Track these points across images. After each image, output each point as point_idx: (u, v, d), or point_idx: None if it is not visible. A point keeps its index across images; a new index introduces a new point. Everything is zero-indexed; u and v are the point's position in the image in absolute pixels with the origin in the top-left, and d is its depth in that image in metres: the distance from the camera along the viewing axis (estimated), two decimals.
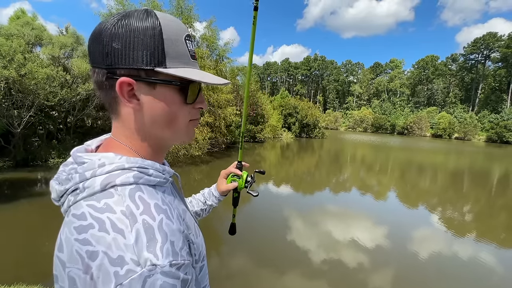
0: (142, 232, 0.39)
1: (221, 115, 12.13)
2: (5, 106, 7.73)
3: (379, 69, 79.31)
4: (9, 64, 7.32)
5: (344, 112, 71.96)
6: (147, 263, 0.38)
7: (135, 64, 0.45)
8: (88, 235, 0.39)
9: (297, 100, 30.59)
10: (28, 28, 8.67)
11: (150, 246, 0.39)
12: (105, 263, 0.37)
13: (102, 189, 0.43)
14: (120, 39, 0.44)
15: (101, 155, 0.47)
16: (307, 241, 4.77)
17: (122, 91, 0.46)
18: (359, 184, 10.03)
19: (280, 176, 10.72)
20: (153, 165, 0.49)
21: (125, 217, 0.40)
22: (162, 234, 0.41)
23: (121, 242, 0.38)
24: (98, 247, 0.38)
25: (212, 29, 12.54)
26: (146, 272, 0.38)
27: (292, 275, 3.74)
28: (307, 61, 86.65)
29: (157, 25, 0.46)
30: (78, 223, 0.40)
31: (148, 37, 0.45)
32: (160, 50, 0.46)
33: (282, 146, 20.80)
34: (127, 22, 0.45)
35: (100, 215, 0.40)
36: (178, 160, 10.45)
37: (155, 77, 0.47)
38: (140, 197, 0.43)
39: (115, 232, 0.39)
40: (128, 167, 0.45)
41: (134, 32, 0.45)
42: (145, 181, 0.46)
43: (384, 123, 56.21)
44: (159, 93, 0.48)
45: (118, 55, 0.45)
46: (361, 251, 4.48)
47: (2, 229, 4.55)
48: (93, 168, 0.45)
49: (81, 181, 0.44)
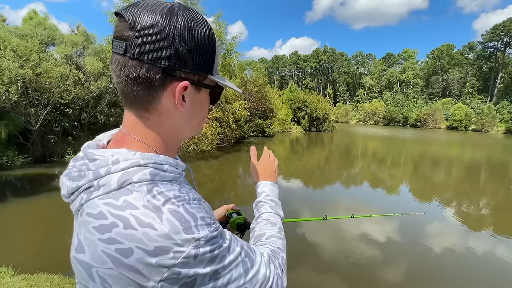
0: (173, 219, 0.40)
1: (229, 110, 12.15)
2: (23, 105, 8.02)
3: (391, 60, 77.06)
4: (25, 63, 7.56)
5: (354, 105, 70.62)
6: (191, 242, 0.40)
7: (196, 70, 0.47)
8: (113, 233, 0.39)
9: (306, 93, 30.23)
10: (41, 28, 8.91)
11: (186, 229, 0.40)
12: (143, 257, 0.38)
13: (119, 186, 0.42)
14: (188, 43, 0.44)
15: (114, 151, 0.46)
16: (316, 235, 4.74)
17: (179, 91, 0.46)
18: (370, 178, 9.87)
19: (290, 170, 10.68)
20: (167, 160, 0.48)
21: (149, 211, 0.40)
22: (191, 215, 0.42)
23: (153, 235, 0.39)
24: (129, 244, 0.38)
25: (220, 23, 12.48)
26: (192, 248, 0.40)
27: (301, 268, 3.73)
28: (316, 54, 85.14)
29: (213, 33, 0.48)
30: (98, 223, 0.40)
31: (210, 45, 0.47)
32: (212, 58, 0.49)
33: (291, 140, 20.69)
34: (194, 25, 0.45)
35: (122, 213, 0.40)
36: (188, 155, 10.59)
37: (204, 82, 0.50)
38: (158, 191, 0.43)
39: (143, 226, 0.39)
40: (143, 164, 0.44)
41: (202, 39, 0.46)
42: (160, 178, 0.46)
43: (396, 115, 54.85)
44: (201, 96, 0.51)
45: (182, 58, 0.45)
46: (372, 246, 4.42)
47: (24, 222, 4.78)
48: (107, 165, 0.44)
49: (95, 178, 0.43)
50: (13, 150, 8.13)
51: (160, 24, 0.43)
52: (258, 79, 19.51)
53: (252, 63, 20.11)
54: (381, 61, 78.03)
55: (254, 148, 0.90)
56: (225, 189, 7.90)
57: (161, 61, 0.43)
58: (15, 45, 7.46)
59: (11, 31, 8.30)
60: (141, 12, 0.43)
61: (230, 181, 8.87)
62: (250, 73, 19.70)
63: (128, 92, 0.46)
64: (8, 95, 7.25)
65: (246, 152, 13.77)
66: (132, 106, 0.48)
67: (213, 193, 7.33)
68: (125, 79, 0.45)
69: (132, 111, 0.48)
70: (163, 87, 0.46)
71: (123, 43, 0.43)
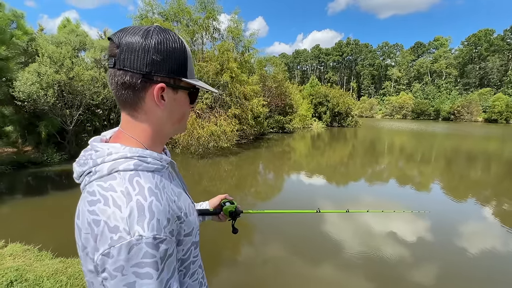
0: (135, 209, 0.50)
1: (248, 106, 12.24)
2: (59, 107, 8.75)
3: (421, 49, 72.36)
4: (60, 68, 8.25)
5: (380, 99, 67.56)
6: (135, 234, 0.48)
7: (169, 74, 0.59)
8: (96, 207, 0.50)
9: (327, 88, 29.47)
10: (73, 35, 9.61)
11: (139, 221, 0.49)
12: (105, 230, 0.48)
13: (108, 173, 0.54)
14: (161, 53, 0.56)
15: (110, 145, 0.58)
16: (341, 232, 4.60)
17: (157, 93, 0.58)
18: (397, 174, 9.41)
19: (311, 166, 10.57)
20: (151, 154, 0.59)
21: (123, 195, 0.50)
22: (150, 213, 0.51)
23: (118, 215, 0.49)
24: (101, 217, 0.49)
25: (237, 21, 12.57)
26: (134, 241, 0.48)
27: (326, 265, 3.65)
28: (339, 46, 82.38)
29: (184, 47, 0.60)
30: (90, 198, 0.52)
31: (180, 55, 0.59)
32: (184, 65, 0.61)
33: (312, 136, 20.38)
34: (166, 41, 0.57)
35: (105, 193, 0.51)
36: (208, 152, 10.89)
37: (180, 85, 0.61)
38: (137, 181, 0.53)
39: (115, 207, 0.49)
40: (130, 156, 0.56)
41: (173, 51, 0.58)
42: (143, 168, 0.56)
43: (426, 108, 51.59)
44: (179, 96, 0.62)
45: (158, 65, 0.57)
46: (400, 245, 4.19)
47: (61, 212, 5.26)
48: (103, 156, 0.56)
49: (94, 166, 0.56)
50: (52, 148, 8.93)
51: (138, 42, 0.55)
52: (277, 75, 19.40)
53: (271, 59, 19.94)
54: (410, 51, 73.58)
55: None
56: (245, 185, 8.02)
57: (141, 69, 0.56)
58: (51, 52, 8.16)
59: (48, 40, 9.06)
60: (124, 35, 0.56)
61: (249, 177, 8.99)
62: (269, 69, 19.58)
63: (119, 96, 0.58)
64: (46, 98, 7.97)
65: (266, 149, 13.83)
66: (125, 107, 0.60)
67: (234, 188, 7.49)
68: (116, 85, 0.57)
69: (125, 112, 0.61)
70: (144, 89, 0.57)
71: (113, 59, 0.56)
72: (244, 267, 3.62)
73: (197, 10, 11.88)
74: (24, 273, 2.60)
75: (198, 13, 11.86)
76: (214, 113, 11.37)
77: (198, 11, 11.86)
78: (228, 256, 3.93)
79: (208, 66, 10.99)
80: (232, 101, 11.63)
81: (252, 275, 3.42)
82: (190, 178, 8.29)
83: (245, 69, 13.55)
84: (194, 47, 12.21)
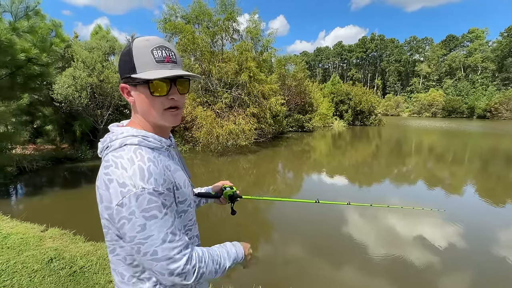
0: (137, 170, 0.67)
1: (266, 105, 12.34)
2: (91, 107, 9.49)
3: (454, 42, 67.72)
4: (92, 72, 8.95)
5: (407, 96, 64.32)
6: (139, 187, 0.65)
7: (123, 74, 0.75)
8: (109, 170, 0.68)
9: (349, 85, 28.69)
10: (104, 40, 10.36)
11: (141, 178, 0.66)
12: (116, 185, 0.66)
13: (119, 146, 0.72)
14: (120, 61, 0.76)
15: (123, 128, 0.77)
16: (365, 235, 4.47)
17: (123, 92, 0.77)
18: (426, 175, 8.93)
19: (332, 166, 10.43)
20: (153, 136, 0.76)
21: (128, 161, 0.68)
22: (149, 173, 0.67)
23: (124, 175, 0.66)
24: (113, 176, 0.67)
25: (255, 21, 12.71)
26: (138, 192, 0.65)
27: (349, 268, 3.60)
28: (363, 43, 79.54)
29: (130, 48, 0.73)
30: (105, 164, 0.70)
31: (126, 57, 0.74)
32: (131, 62, 0.72)
33: (333, 135, 20.01)
34: (124, 47, 0.76)
35: (116, 160, 0.69)
36: (227, 150, 11.16)
37: (133, 81, 0.74)
38: (139, 152, 0.71)
39: (122, 169, 0.67)
40: (135, 135, 0.74)
41: (123, 55, 0.75)
42: (145, 144, 0.73)
43: (459, 105, 48.27)
44: (139, 90, 0.75)
45: (120, 70, 0.76)
46: (429, 250, 4.01)
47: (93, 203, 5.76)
48: (116, 135, 0.75)
49: (110, 141, 0.75)
50: (85, 145, 9.71)
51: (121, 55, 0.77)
52: (297, 74, 19.29)
53: (291, 58, 19.85)
54: (440, 45, 69.20)
55: None
56: (263, 182, 8.14)
57: (120, 76, 0.78)
58: (84, 57, 8.87)
59: (81, 46, 9.86)
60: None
61: (268, 175, 9.09)
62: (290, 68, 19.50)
63: None
64: (80, 100, 8.69)
65: (285, 147, 13.86)
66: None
67: (251, 186, 7.65)
68: None
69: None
70: (122, 90, 0.79)
71: None
72: (264, 264, 3.64)
73: (218, 12, 12.19)
74: (61, 253, 2.95)
75: (218, 15, 12.17)
76: (233, 112, 11.62)
77: (219, 13, 12.17)
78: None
79: (227, 67, 11.26)
80: (250, 100, 11.80)
81: (272, 273, 3.43)
82: (210, 175, 8.59)
83: (264, 68, 13.65)
84: (214, 48, 12.55)
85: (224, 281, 2.94)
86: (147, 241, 0.65)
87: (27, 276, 2.48)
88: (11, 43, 5.23)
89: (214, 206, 5.82)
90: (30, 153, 8.64)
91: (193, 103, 11.08)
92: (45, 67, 6.21)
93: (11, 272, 2.51)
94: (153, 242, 0.65)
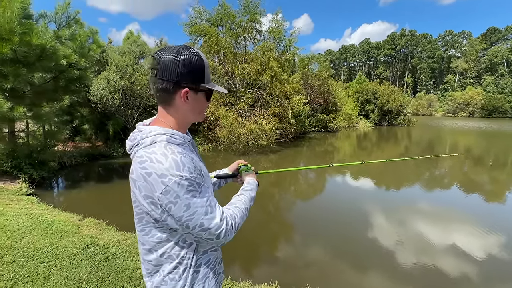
0: (172, 162, 0.76)
1: (288, 105, 12.30)
2: (123, 108, 10.14)
3: (496, 35, 62.17)
4: (124, 75, 9.57)
5: (441, 94, 60.27)
6: (177, 176, 0.75)
7: (192, 82, 0.84)
8: (145, 164, 0.77)
9: (376, 84, 27.55)
10: (135, 45, 11.03)
11: (177, 169, 0.75)
12: (156, 177, 0.75)
13: (150, 143, 0.81)
14: (186, 67, 0.81)
15: (150, 127, 0.85)
16: (392, 240, 4.26)
17: (183, 95, 0.83)
18: (462, 180, 8.32)
19: (357, 167, 10.15)
20: (178, 133, 0.86)
21: (162, 156, 0.77)
22: (182, 163, 0.77)
23: (162, 167, 0.75)
24: (150, 170, 0.76)
25: (278, 21, 12.72)
26: (178, 180, 0.75)
27: (375, 274, 3.44)
28: (392, 39, 75.89)
29: (201, 60, 0.84)
30: (140, 160, 0.78)
31: (199, 67, 0.84)
32: (202, 73, 0.85)
33: (358, 136, 19.38)
34: (189, 57, 0.81)
35: (150, 155, 0.78)
36: (249, 150, 11.30)
37: (200, 89, 0.86)
38: (169, 147, 0.80)
39: (158, 162, 0.76)
40: (163, 133, 0.83)
41: (194, 65, 0.83)
42: (172, 141, 0.83)
43: (501, 104, 44.28)
44: (199, 96, 0.88)
45: (184, 76, 0.82)
46: (464, 260, 3.75)
47: (125, 197, 6.17)
48: (146, 133, 0.83)
49: (140, 139, 0.83)
50: (117, 143, 10.39)
51: (171, 59, 0.80)
52: (320, 73, 18.95)
53: (315, 57, 19.55)
54: (480, 39, 63.84)
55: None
56: (284, 182, 8.15)
57: (173, 79, 0.81)
58: (117, 61, 9.51)
59: (114, 50, 10.57)
60: (162, 53, 0.82)
61: (289, 175, 9.07)
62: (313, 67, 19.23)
63: (158, 96, 0.86)
64: (113, 101, 9.33)
65: (307, 148, 13.70)
66: (161, 103, 0.89)
67: (272, 185, 7.69)
68: (156, 89, 0.84)
69: (161, 106, 0.89)
70: (175, 92, 0.83)
71: (154, 71, 0.82)
72: (283, 263, 3.66)
73: (241, 14, 12.39)
74: (96, 240, 3.24)
75: (242, 17, 12.36)
76: (254, 112, 11.75)
77: (242, 15, 12.37)
78: (268, 253, 4.14)
79: (249, 67, 11.40)
80: (272, 100, 11.84)
81: (291, 272, 3.41)
82: None
83: (286, 68, 13.62)
84: (238, 49, 12.77)
85: (241, 276, 3.04)
86: (194, 216, 0.78)
87: (67, 259, 2.76)
88: (55, 50, 5.79)
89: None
90: (70, 150, 9.45)
91: (216, 104, 11.37)
92: (83, 71, 6.78)
93: (54, 254, 2.82)
94: (199, 216, 0.78)
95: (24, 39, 5.17)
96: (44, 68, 6.00)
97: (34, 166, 6.42)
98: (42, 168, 6.60)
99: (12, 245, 2.87)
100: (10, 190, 5.28)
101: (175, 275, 0.86)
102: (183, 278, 0.87)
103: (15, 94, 5.81)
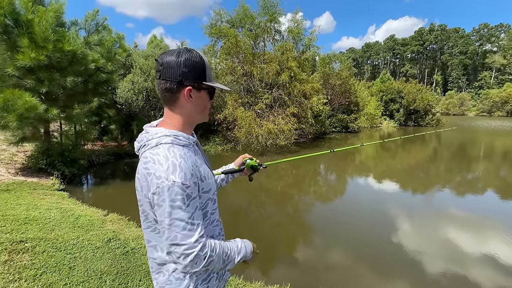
0: (171, 165, 0.77)
1: (307, 105, 12.12)
2: (146, 109, 10.59)
3: None
4: (147, 77, 9.98)
5: (475, 92, 56.19)
6: (171, 180, 0.76)
7: (194, 80, 0.86)
8: (148, 165, 0.80)
9: (402, 82, 26.29)
10: (158, 48, 11.47)
11: (173, 173, 0.77)
12: (153, 178, 0.78)
13: (155, 145, 0.83)
14: (188, 67, 0.84)
15: (157, 129, 0.87)
16: (419, 247, 4.07)
17: (187, 93, 0.86)
18: (498, 184, 7.68)
19: (380, 169, 9.74)
20: (182, 134, 0.87)
21: (164, 158, 0.79)
22: (180, 168, 0.78)
23: (160, 169, 0.77)
24: (151, 170, 0.79)
25: (297, 21, 12.59)
26: (170, 184, 0.76)
27: (399, 281, 3.30)
28: (419, 35, 72.05)
29: (203, 61, 0.88)
30: (144, 160, 0.82)
31: (200, 66, 0.87)
32: (203, 72, 0.88)
33: (381, 136, 18.63)
34: (190, 58, 0.84)
35: (153, 157, 0.80)
36: (267, 150, 11.28)
37: (202, 86, 0.89)
38: (172, 150, 0.81)
39: (159, 164, 0.78)
40: (168, 134, 0.85)
41: (195, 64, 0.86)
42: (177, 143, 0.85)
43: None
44: (202, 94, 0.90)
45: (186, 75, 0.85)
46: (502, 272, 3.49)
47: None
48: (152, 135, 0.86)
49: (146, 141, 0.86)
50: None
51: (173, 60, 0.84)
52: (342, 72, 18.45)
53: (335, 56, 19.09)
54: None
55: None
56: (302, 184, 8.04)
57: (176, 78, 0.84)
58: (141, 64, 9.95)
59: (139, 54, 11.07)
60: (164, 56, 0.86)
61: (307, 176, 8.94)
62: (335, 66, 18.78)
63: (163, 96, 0.89)
64: (138, 102, 9.77)
65: (327, 148, 13.38)
66: (166, 104, 0.92)
67: (290, 186, 7.62)
68: (161, 90, 0.88)
69: (167, 107, 0.92)
70: (178, 91, 0.86)
71: (159, 73, 0.86)
72: (298, 265, 3.61)
73: (260, 14, 12.43)
74: (118, 235, 3.41)
75: (261, 17, 12.39)
76: (273, 112, 11.71)
77: (261, 15, 12.40)
78: (285, 254, 4.11)
79: (268, 68, 11.39)
80: (290, 100, 11.73)
81: (305, 274, 3.37)
82: None
83: (306, 67, 13.43)
84: (256, 50, 12.81)
85: (255, 276, 3.03)
86: (170, 227, 0.76)
87: (91, 251, 2.93)
88: (85, 55, 6.19)
89: (254, 206, 5.98)
90: (98, 149, 10.03)
91: (235, 104, 11.48)
92: (110, 74, 7.18)
93: (80, 246, 3.00)
94: (175, 228, 0.76)
95: (57, 46, 5.58)
96: (75, 72, 6.43)
97: (66, 163, 6.89)
98: (73, 166, 7.07)
99: (43, 236, 3.10)
100: (45, 186, 5.71)
101: (179, 274, 0.88)
102: (188, 277, 0.88)
103: (49, 97, 6.28)
